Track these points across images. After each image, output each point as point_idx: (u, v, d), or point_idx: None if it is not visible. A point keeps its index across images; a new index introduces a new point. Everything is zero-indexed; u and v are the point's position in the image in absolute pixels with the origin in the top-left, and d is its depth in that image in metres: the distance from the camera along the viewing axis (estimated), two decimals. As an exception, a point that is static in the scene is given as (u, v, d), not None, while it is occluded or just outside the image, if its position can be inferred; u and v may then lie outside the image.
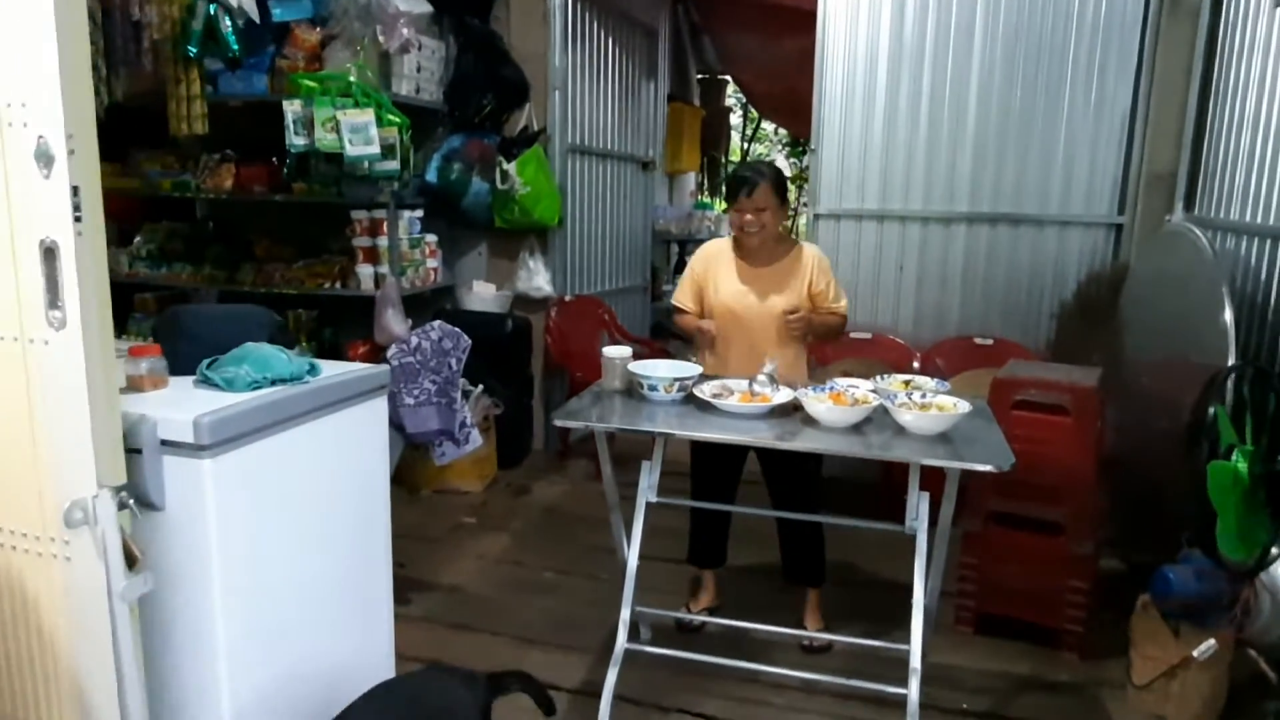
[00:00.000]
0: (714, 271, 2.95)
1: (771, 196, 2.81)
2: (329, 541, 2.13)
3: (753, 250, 2.90)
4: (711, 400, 2.38)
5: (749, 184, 2.78)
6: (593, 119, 5.21)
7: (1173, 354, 3.36)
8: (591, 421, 2.32)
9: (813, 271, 2.91)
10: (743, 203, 2.79)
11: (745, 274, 2.91)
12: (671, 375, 2.51)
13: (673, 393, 2.48)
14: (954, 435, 2.23)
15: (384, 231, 4.35)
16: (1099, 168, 4.32)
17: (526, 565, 3.65)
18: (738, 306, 2.89)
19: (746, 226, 2.81)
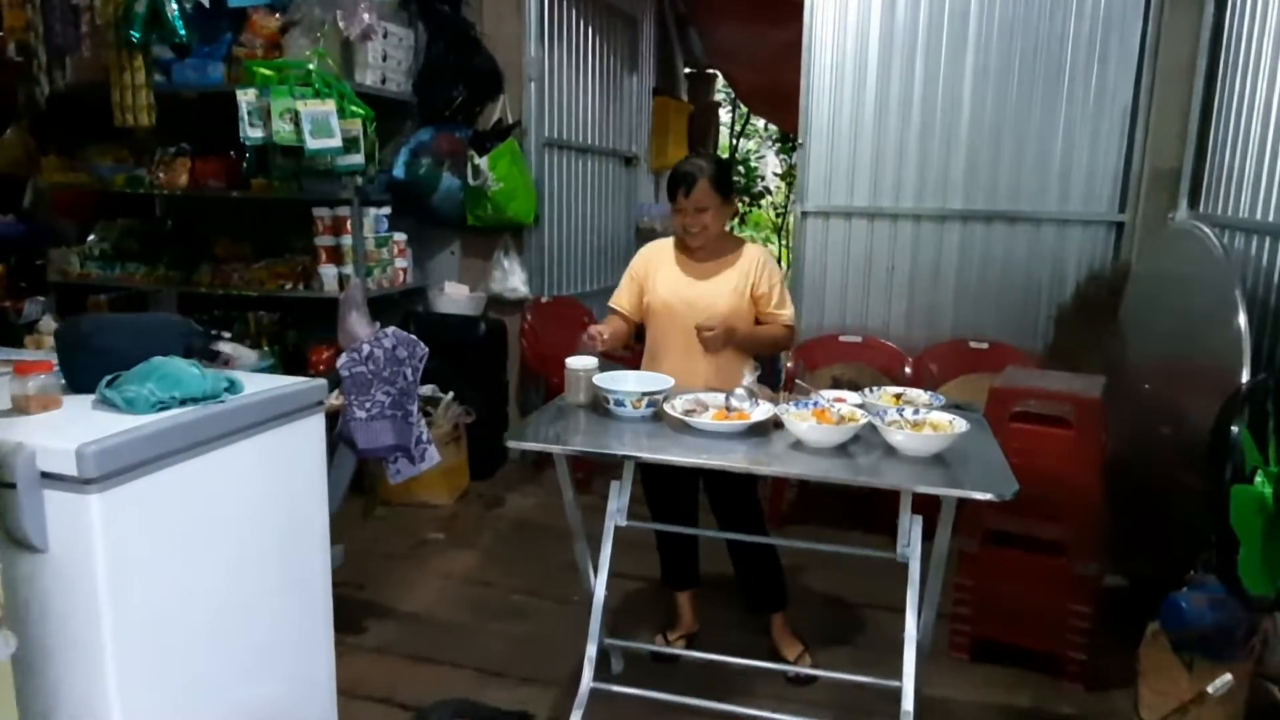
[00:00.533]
0: (653, 270, 2.75)
1: (712, 195, 2.59)
2: (251, 578, 1.91)
3: (695, 251, 2.71)
4: (683, 418, 2.17)
5: (687, 181, 2.57)
6: (571, 112, 4.98)
7: (1179, 359, 3.16)
8: (547, 442, 2.09)
9: (756, 272, 2.68)
10: (681, 203, 2.59)
11: (685, 271, 2.71)
12: (640, 389, 2.29)
13: (641, 408, 2.26)
14: (949, 456, 2.02)
15: (348, 230, 4.12)
16: (1099, 163, 4.12)
17: (495, 586, 3.43)
18: (675, 304, 2.68)
19: (687, 228, 2.61)
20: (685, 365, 2.64)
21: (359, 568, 3.44)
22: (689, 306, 2.66)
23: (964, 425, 2.02)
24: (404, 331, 2.82)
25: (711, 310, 2.63)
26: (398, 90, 4.35)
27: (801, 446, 2.06)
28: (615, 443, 2.13)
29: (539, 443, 2.09)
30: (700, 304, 2.65)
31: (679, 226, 2.64)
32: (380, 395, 2.77)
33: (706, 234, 2.63)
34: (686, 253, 2.73)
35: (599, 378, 2.36)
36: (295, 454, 2.04)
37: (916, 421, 2.06)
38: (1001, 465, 1.99)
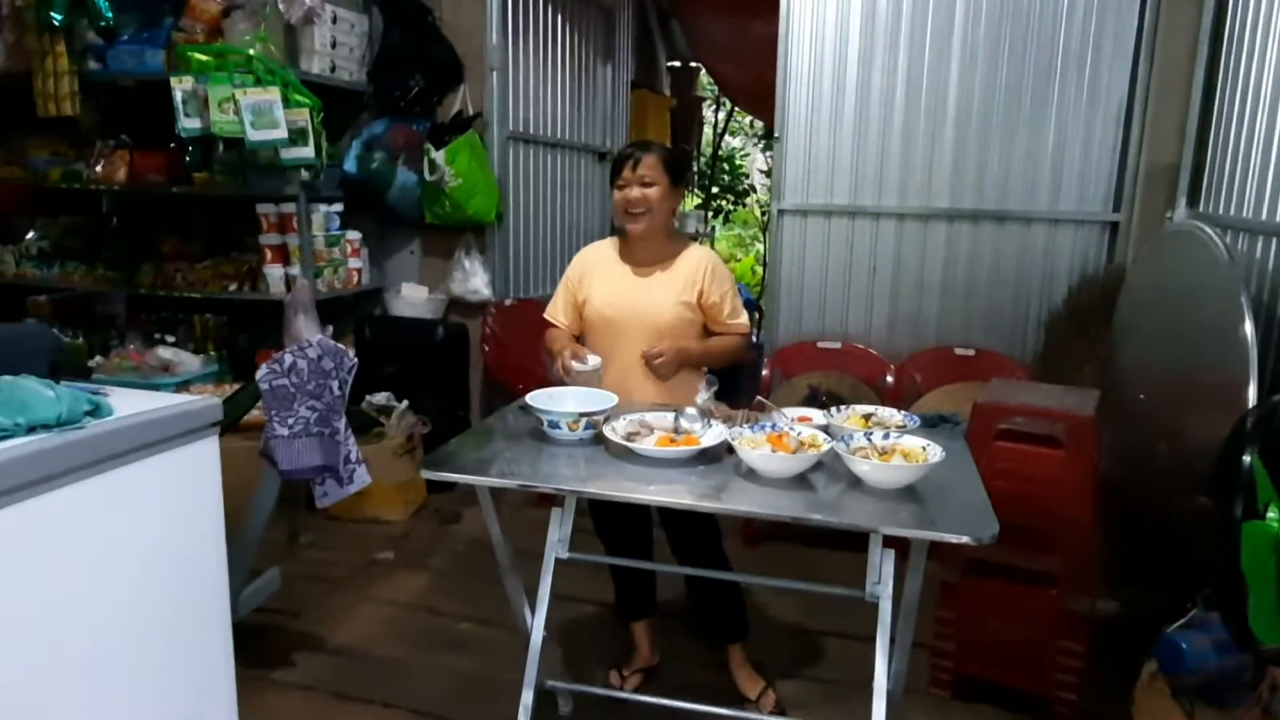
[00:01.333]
0: (590, 276, 2.50)
1: (661, 172, 2.37)
2: (125, 626, 1.65)
3: (637, 248, 2.47)
4: (625, 443, 1.92)
5: (634, 157, 2.37)
6: (538, 104, 4.73)
7: (1178, 369, 2.93)
8: (468, 472, 1.84)
9: (705, 278, 2.43)
10: (626, 176, 2.36)
11: (626, 276, 2.47)
12: (578, 409, 2.05)
13: (579, 431, 2.02)
14: (923, 488, 1.78)
15: (294, 228, 3.87)
16: (1092, 160, 3.89)
17: (443, 614, 3.18)
18: (614, 313, 2.44)
19: (631, 206, 2.37)
20: (630, 382, 2.41)
21: (296, 593, 3.19)
22: (628, 315, 2.43)
23: (938, 454, 1.78)
24: (331, 341, 2.57)
25: (655, 320, 2.40)
26: (350, 79, 4.10)
27: (757, 476, 1.82)
28: (546, 472, 1.88)
29: (458, 472, 1.84)
30: (640, 311, 2.42)
31: (620, 207, 2.41)
32: (304, 411, 2.52)
33: (651, 218, 2.38)
34: (627, 253, 2.49)
35: (533, 396, 2.11)
36: (181, 484, 1.79)
37: (885, 449, 1.82)
38: (981, 501, 1.75)
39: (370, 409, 4.01)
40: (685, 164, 2.56)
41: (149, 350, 4.02)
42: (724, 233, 10.52)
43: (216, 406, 1.89)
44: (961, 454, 2.05)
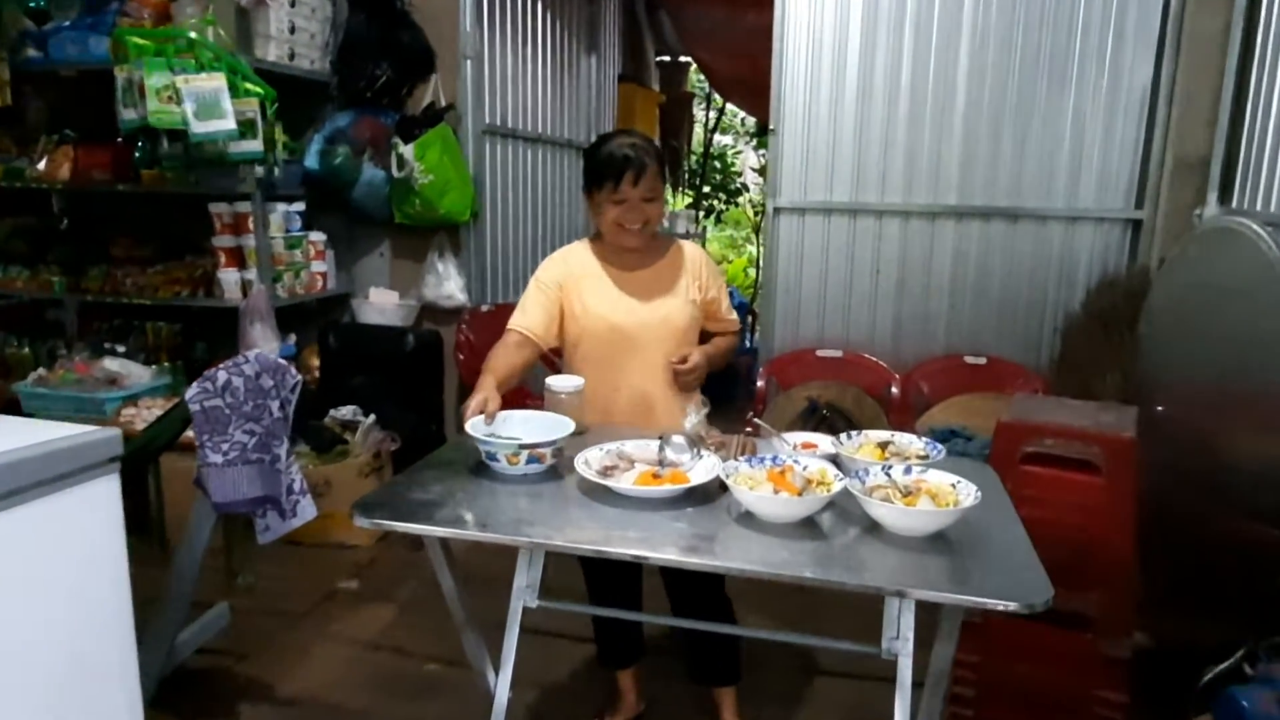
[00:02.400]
0: (577, 284, 2.17)
1: (659, 181, 2.09)
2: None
3: (624, 253, 2.16)
4: (599, 479, 1.62)
5: (635, 165, 2.01)
6: (516, 96, 4.42)
7: (1221, 381, 2.64)
8: (407, 519, 1.53)
9: (703, 274, 2.21)
10: (625, 191, 2.03)
11: (621, 281, 2.16)
12: (520, 439, 1.75)
13: (519, 465, 1.72)
14: (953, 533, 1.48)
15: (250, 228, 3.57)
16: (1113, 152, 3.61)
17: (408, 653, 2.88)
18: (624, 320, 2.13)
19: (629, 224, 2.06)
20: (655, 399, 2.14)
21: (246, 630, 2.89)
22: (642, 324, 2.12)
23: (971, 495, 1.49)
24: (270, 356, 2.26)
25: (671, 325, 2.14)
26: (311, 68, 3.79)
27: (755, 519, 1.52)
28: (507, 517, 1.58)
29: (397, 518, 1.53)
30: (655, 318, 2.13)
31: (613, 222, 2.08)
32: (240, 435, 2.22)
33: (647, 232, 2.11)
34: (610, 258, 2.18)
35: (472, 423, 1.81)
36: (71, 531, 1.49)
37: (908, 488, 1.52)
38: (1025, 550, 1.46)
39: (334, 424, 3.71)
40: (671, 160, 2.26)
41: (95, 361, 3.72)
42: (715, 233, 10.24)
43: (114, 440, 1.59)
44: (994, 488, 1.76)
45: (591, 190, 2.09)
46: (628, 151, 2.03)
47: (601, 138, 2.14)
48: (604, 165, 2.04)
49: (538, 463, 1.73)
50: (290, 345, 3.98)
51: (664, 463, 1.70)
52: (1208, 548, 2.56)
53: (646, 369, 2.13)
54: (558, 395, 2.01)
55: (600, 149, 2.08)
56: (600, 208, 2.09)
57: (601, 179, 2.05)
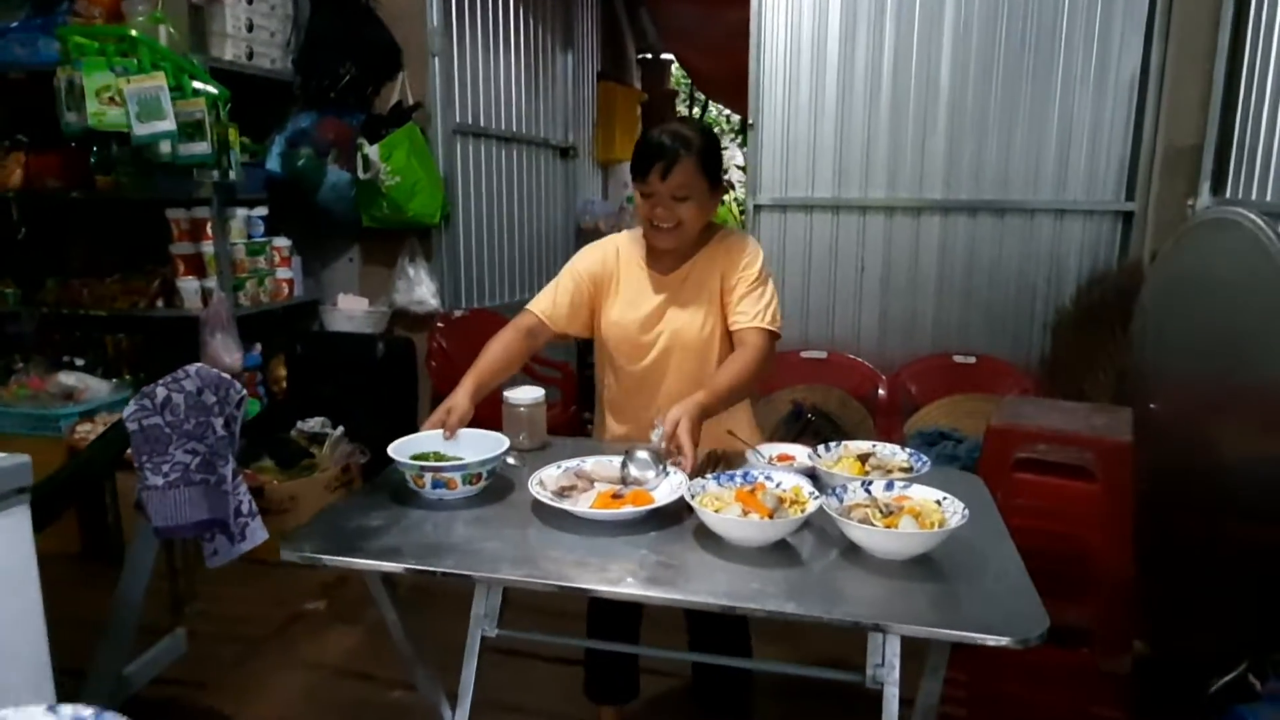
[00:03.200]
0: (612, 279, 2.00)
1: (699, 179, 1.84)
2: None
3: (660, 252, 1.98)
4: (552, 501, 1.49)
5: (666, 155, 1.81)
6: (488, 94, 4.29)
7: (1218, 378, 2.52)
8: (337, 551, 1.40)
9: (732, 260, 1.92)
10: (654, 184, 1.84)
11: (656, 284, 1.98)
12: (462, 460, 1.62)
13: (424, 488, 1.59)
14: (940, 554, 1.36)
15: (209, 235, 3.42)
16: (1102, 142, 3.50)
17: (375, 679, 2.74)
18: (643, 332, 1.96)
19: (657, 221, 1.87)
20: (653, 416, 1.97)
21: (205, 658, 2.76)
22: (660, 342, 1.95)
23: (958, 514, 1.36)
24: (213, 370, 2.12)
25: (687, 346, 1.92)
26: (271, 67, 3.66)
27: (724, 542, 1.40)
28: (443, 544, 1.44)
29: (326, 552, 1.40)
30: (669, 336, 1.95)
31: (644, 216, 1.90)
32: (182, 455, 2.08)
33: (682, 234, 1.88)
34: (651, 257, 2.00)
35: (415, 437, 1.70)
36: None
37: (889, 507, 1.39)
38: (1018, 572, 1.34)
39: (301, 437, 3.57)
40: (721, 155, 1.98)
41: (50, 376, 3.57)
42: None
43: (21, 469, 1.45)
44: (982, 502, 1.63)
45: (634, 180, 1.90)
46: (663, 140, 1.82)
47: (648, 129, 1.93)
48: (637, 154, 1.86)
49: (445, 488, 1.57)
50: (256, 355, 3.84)
51: (627, 481, 1.57)
52: (1208, 552, 2.44)
53: (673, 389, 1.94)
54: (515, 409, 1.88)
55: (643, 136, 1.90)
56: (637, 202, 1.92)
57: (634, 169, 1.87)
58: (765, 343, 1.87)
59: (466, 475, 1.58)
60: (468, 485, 1.60)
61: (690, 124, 1.93)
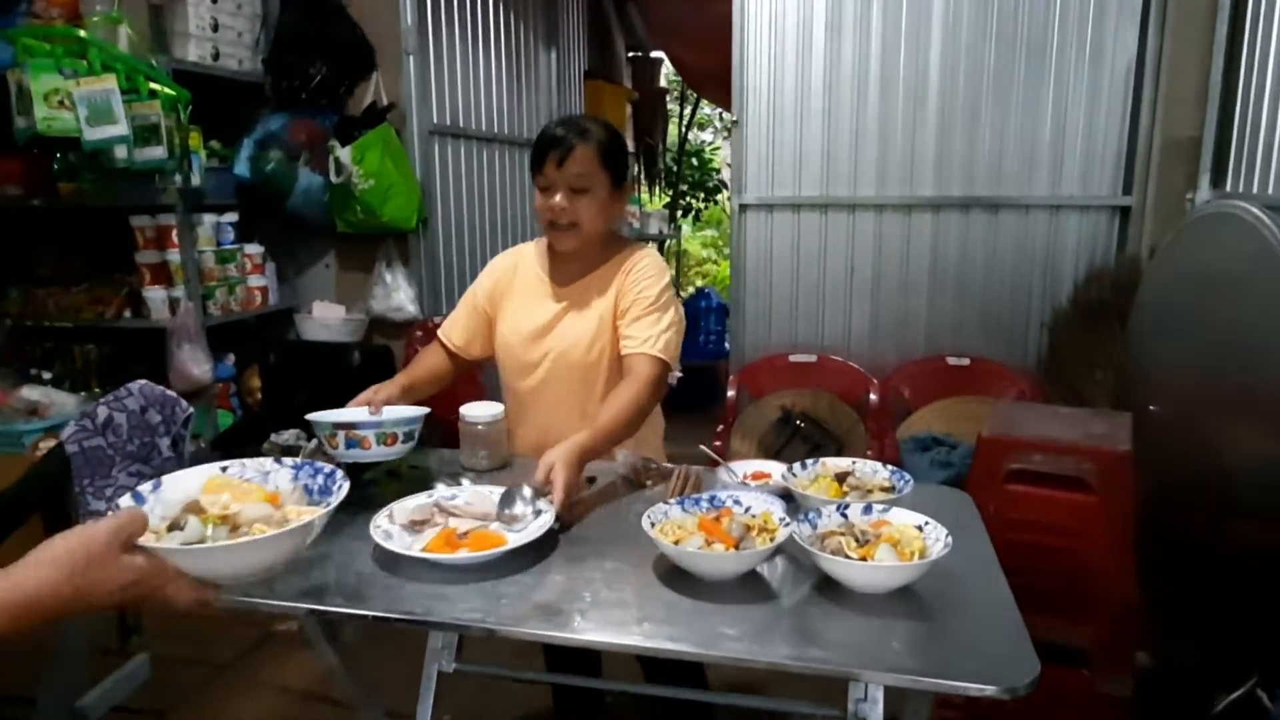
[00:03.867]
0: (508, 291, 1.93)
1: (599, 170, 1.75)
2: None
3: (566, 258, 1.87)
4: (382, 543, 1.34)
5: (560, 145, 1.73)
6: (466, 94, 4.17)
7: (1222, 377, 2.41)
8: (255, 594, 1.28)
9: (629, 279, 1.80)
10: (550, 174, 1.75)
11: (554, 295, 1.89)
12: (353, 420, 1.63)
13: (339, 449, 1.61)
14: (921, 585, 1.24)
15: (174, 242, 3.31)
16: (1098, 135, 3.39)
17: (345, 705, 2.62)
18: (527, 353, 1.86)
19: (555, 215, 1.77)
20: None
21: (169, 683, 2.66)
22: (545, 354, 1.85)
23: (941, 542, 1.25)
24: (158, 387, 2.01)
25: (571, 366, 1.82)
26: (239, 68, 3.54)
27: (685, 575, 1.28)
28: (378, 580, 1.33)
29: (245, 593, 1.28)
30: (560, 348, 1.84)
31: (541, 213, 1.80)
32: (126, 478, 1.97)
33: (581, 235, 1.79)
34: (554, 263, 1.91)
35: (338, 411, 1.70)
36: None
37: (865, 535, 1.28)
38: (1008, 610, 1.22)
39: (274, 449, 3.44)
40: (626, 152, 1.90)
41: (14, 390, 3.46)
42: (693, 234, 9.99)
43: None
44: (970, 522, 1.52)
45: (532, 173, 1.81)
46: (557, 130, 1.75)
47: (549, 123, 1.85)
48: (534, 147, 1.78)
49: (358, 447, 1.58)
50: (229, 366, 3.73)
51: (501, 519, 1.44)
52: (1212, 558, 2.33)
53: (553, 410, 1.85)
54: (473, 427, 1.77)
55: (542, 131, 1.80)
56: (535, 200, 1.82)
57: (532, 162, 1.79)
58: (655, 372, 1.73)
59: (381, 434, 1.58)
60: (382, 446, 1.59)
61: (592, 117, 1.83)
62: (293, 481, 1.14)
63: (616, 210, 1.84)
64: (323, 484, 1.13)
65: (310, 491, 1.13)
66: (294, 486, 1.14)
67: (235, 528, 1.01)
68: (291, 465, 1.15)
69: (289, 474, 1.15)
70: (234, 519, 1.01)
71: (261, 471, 1.14)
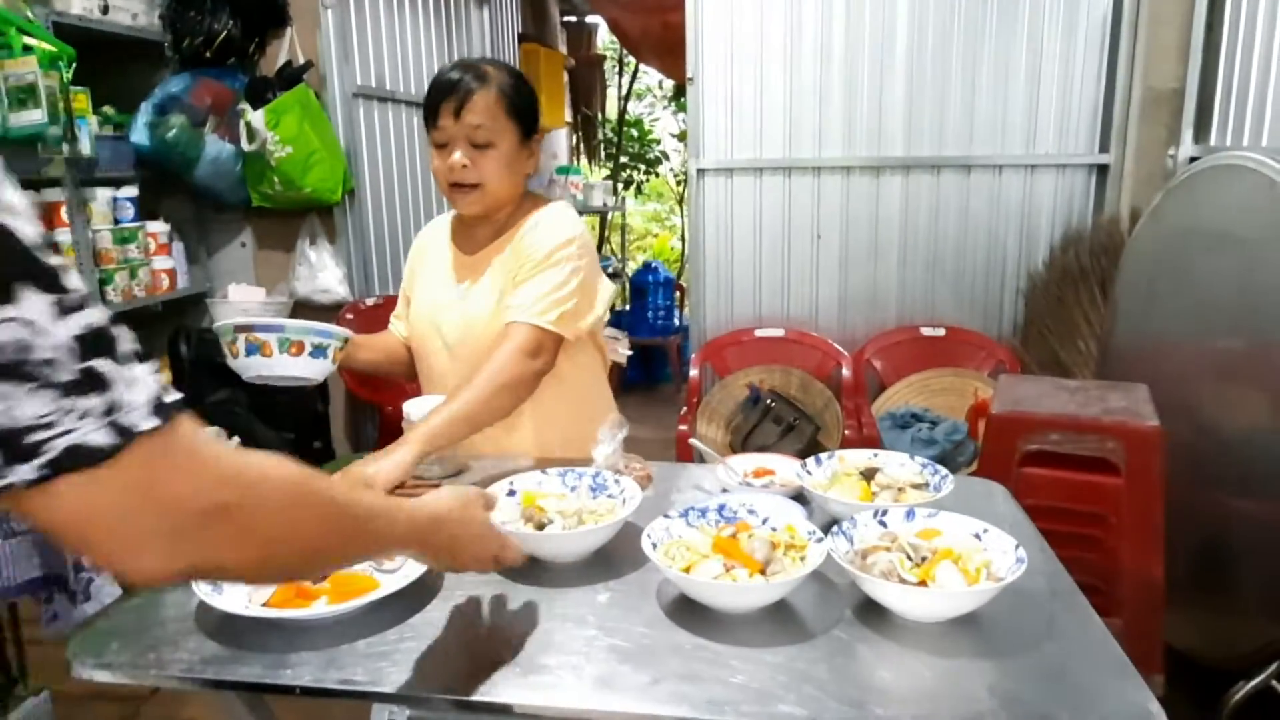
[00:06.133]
0: (419, 269, 1.69)
1: (503, 119, 1.49)
2: None
3: (470, 226, 1.61)
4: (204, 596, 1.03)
5: (459, 90, 1.45)
6: (394, 54, 3.81)
7: (1229, 339, 2.24)
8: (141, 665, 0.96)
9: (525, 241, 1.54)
10: (446, 126, 1.47)
11: (458, 264, 1.63)
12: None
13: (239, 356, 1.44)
14: (986, 612, 1.01)
15: (64, 220, 2.91)
16: (1074, 90, 3.22)
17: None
18: (428, 327, 1.61)
19: (455, 176, 1.50)
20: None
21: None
22: (447, 329, 1.60)
23: (1009, 552, 1.01)
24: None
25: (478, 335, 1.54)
26: (133, 24, 3.13)
27: (696, 605, 1.02)
28: (305, 636, 1.03)
29: (120, 660, 0.97)
30: (463, 331, 1.58)
31: (442, 179, 1.53)
32: None
33: (485, 196, 1.52)
34: (461, 230, 1.65)
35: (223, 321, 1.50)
36: None
37: (918, 550, 1.03)
38: (1095, 632, 1.00)
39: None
40: (534, 98, 1.60)
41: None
42: (636, 207, 9.70)
43: None
44: (1014, 520, 1.30)
45: (427, 127, 1.53)
46: (450, 75, 1.47)
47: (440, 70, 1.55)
48: (429, 97, 1.50)
49: (259, 353, 1.41)
50: (135, 358, 3.35)
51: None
52: (1222, 541, 2.17)
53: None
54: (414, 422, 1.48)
55: (435, 77, 1.51)
56: (431, 157, 1.54)
57: (425, 114, 1.51)
58: (530, 342, 1.46)
59: (284, 340, 1.42)
60: (286, 354, 1.42)
61: (493, 60, 1.56)
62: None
63: (528, 166, 1.58)
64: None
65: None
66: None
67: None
68: None
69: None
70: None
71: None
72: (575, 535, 1.13)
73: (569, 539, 1.13)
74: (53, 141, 2.73)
